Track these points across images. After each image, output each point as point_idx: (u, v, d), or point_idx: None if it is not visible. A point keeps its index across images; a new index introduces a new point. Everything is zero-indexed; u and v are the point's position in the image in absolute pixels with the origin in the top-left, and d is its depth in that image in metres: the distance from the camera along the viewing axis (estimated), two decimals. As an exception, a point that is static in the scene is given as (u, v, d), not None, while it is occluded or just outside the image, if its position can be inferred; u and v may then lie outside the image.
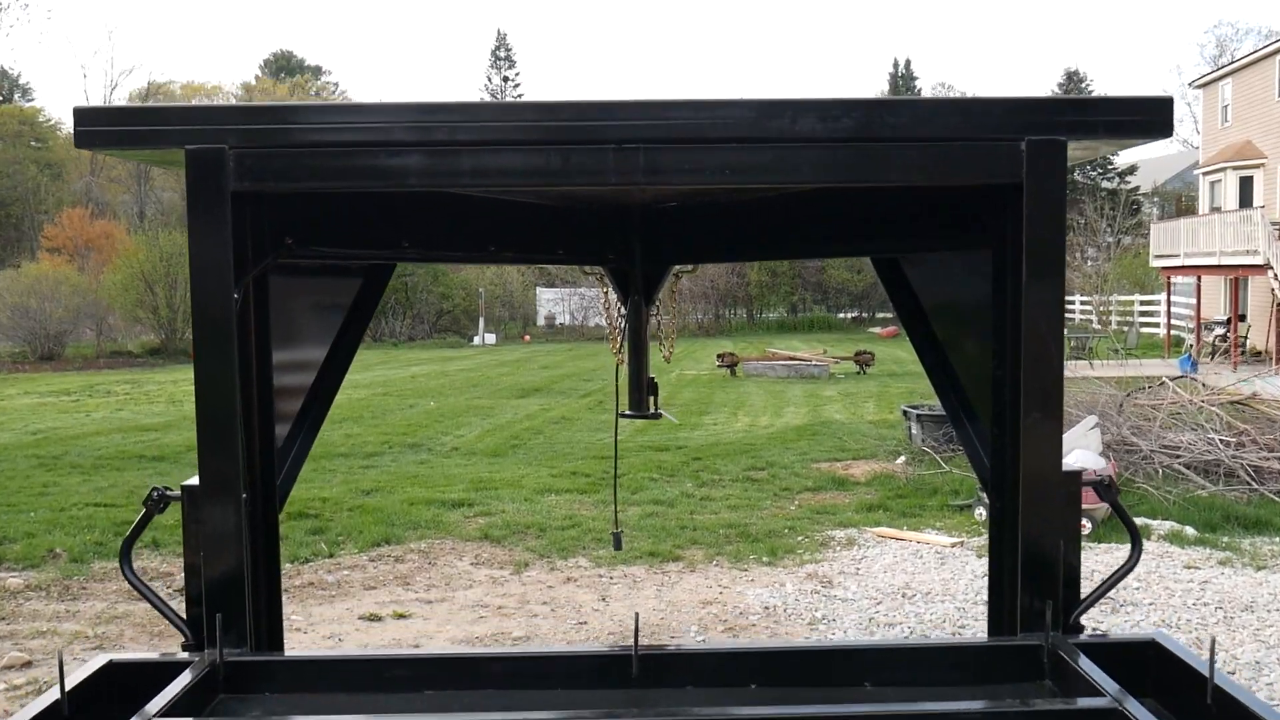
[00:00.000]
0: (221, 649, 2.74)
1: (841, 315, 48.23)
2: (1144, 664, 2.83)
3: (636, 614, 2.71)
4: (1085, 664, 2.68)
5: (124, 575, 2.98)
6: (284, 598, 6.58)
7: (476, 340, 39.51)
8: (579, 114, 2.78)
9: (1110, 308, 35.87)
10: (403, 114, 2.76)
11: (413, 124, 2.75)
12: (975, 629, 6.11)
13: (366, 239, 3.46)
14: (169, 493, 2.97)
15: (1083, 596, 2.98)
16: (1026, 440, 2.86)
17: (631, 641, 2.66)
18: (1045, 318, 2.85)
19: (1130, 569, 3.09)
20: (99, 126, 2.74)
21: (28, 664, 5.49)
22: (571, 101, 2.80)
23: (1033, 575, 2.87)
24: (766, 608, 6.53)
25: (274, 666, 2.81)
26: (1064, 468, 2.92)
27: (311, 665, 2.87)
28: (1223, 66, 35.14)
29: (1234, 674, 5.48)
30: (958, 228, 3.33)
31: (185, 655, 2.80)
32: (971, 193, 3.12)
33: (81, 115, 2.73)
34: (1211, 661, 2.52)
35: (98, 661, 2.76)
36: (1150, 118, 2.79)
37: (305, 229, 3.24)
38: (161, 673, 2.72)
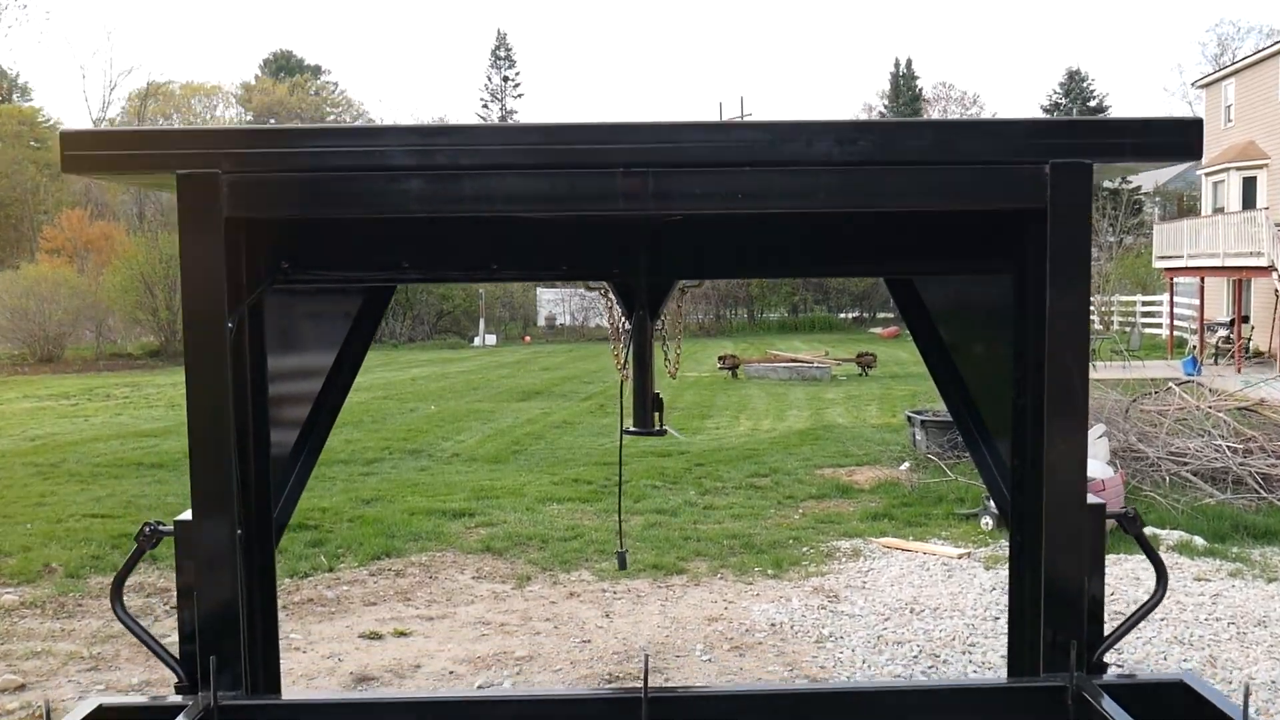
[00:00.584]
0: (215, 692, 2.65)
1: (843, 315, 48.15)
2: (1171, 706, 2.73)
3: (646, 656, 2.61)
4: (1110, 706, 2.59)
5: (116, 614, 2.89)
6: (283, 615, 6.49)
7: (477, 341, 39.41)
8: (585, 136, 2.68)
9: (1112, 308, 35.78)
10: (402, 137, 2.66)
11: (412, 148, 2.65)
12: (985, 647, 6.01)
13: (365, 261, 3.36)
14: (161, 527, 2.87)
15: (1106, 633, 2.89)
16: (1050, 473, 2.76)
17: (632, 674, 2.56)
18: (1069, 346, 2.76)
19: (1156, 603, 2.99)
20: (87, 151, 2.64)
21: (21, 687, 5.39)
22: (577, 124, 2.70)
23: (1055, 612, 2.78)
24: (773, 624, 6.43)
25: (269, 710, 2.72)
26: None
27: (308, 709, 2.78)
28: (1225, 66, 35.05)
29: (1250, 695, 5.38)
30: (976, 250, 3.23)
31: (178, 699, 2.71)
32: (992, 214, 3.02)
33: (69, 139, 2.63)
34: (1245, 707, 2.43)
35: (87, 706, 2.66)
36: (1178, 140, 2.70)
37: (302, 252, 3.14)
38: (153, 718, 2.63)
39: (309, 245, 3.18)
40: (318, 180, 2.63)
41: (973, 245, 3.26)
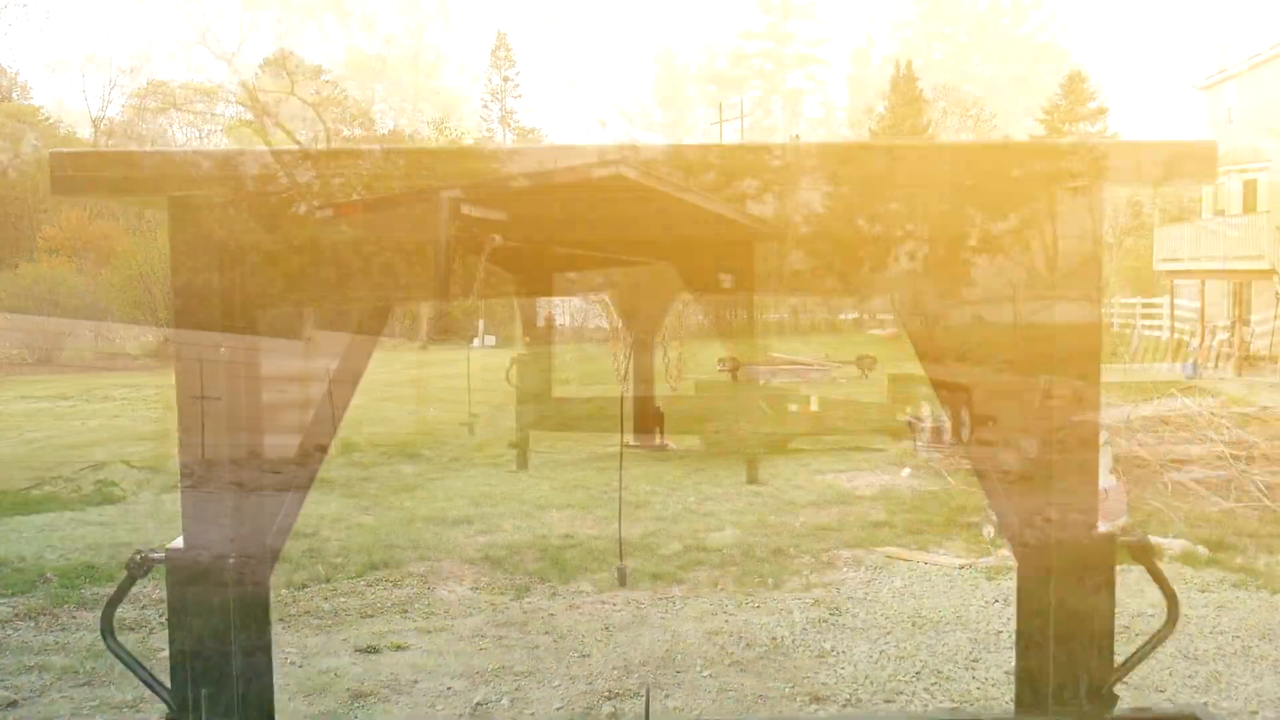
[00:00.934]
0: (207, 724, 2.59)
1: (842, 316, 48.09)
2: (1184, 741, 2.68)
3: (648, 688, 2.56)
4: (1121, 741, 2.54)
5: (106, 645, 2.83)
6: (279, 627, 6.43)
7: (476, 342, 39.31)
8: (587, 157, 2.63)
9: (1112, 310, 35.71)
10: (396, 160, 2.61)
11: (407, 170, 2.60)
12: (989, 663, 5.96)
13: (362, 281, 3.30)
14: (153, 554, 2.82)
15: (1116, 664, 2.84)
16: (1058, 500, 2.71)
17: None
18: (1079, 368, 2.71)
19: (1168, 634, 2.94)
20: (78, 173, 2.59)
21: (13, 704, 5.33)
22: (578, 146, 2.65)
23: (1065, 643, 2.73)
24: (774, 638, 6.37)
25: (262, 744, 2.67)
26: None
27: (302, 743, 2.72)
28: (1226, 68, 34.96)
29: (1256, 713, 5.34)
30: (985, 268, 3.18)
31: (168, 731, 2.66)
32: (1001, 232, 2.97)
33: (59, 161, 2.57)
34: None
35: (75, 739, 2.61)
36: (1192, 163, 2.64)
37: (297, 272, 3.08)
38: (143, 752, 2.57)
39: (305, 265, 3.13)
40: (312, 203, 2.58)
41: (979, 263, 3.20)
